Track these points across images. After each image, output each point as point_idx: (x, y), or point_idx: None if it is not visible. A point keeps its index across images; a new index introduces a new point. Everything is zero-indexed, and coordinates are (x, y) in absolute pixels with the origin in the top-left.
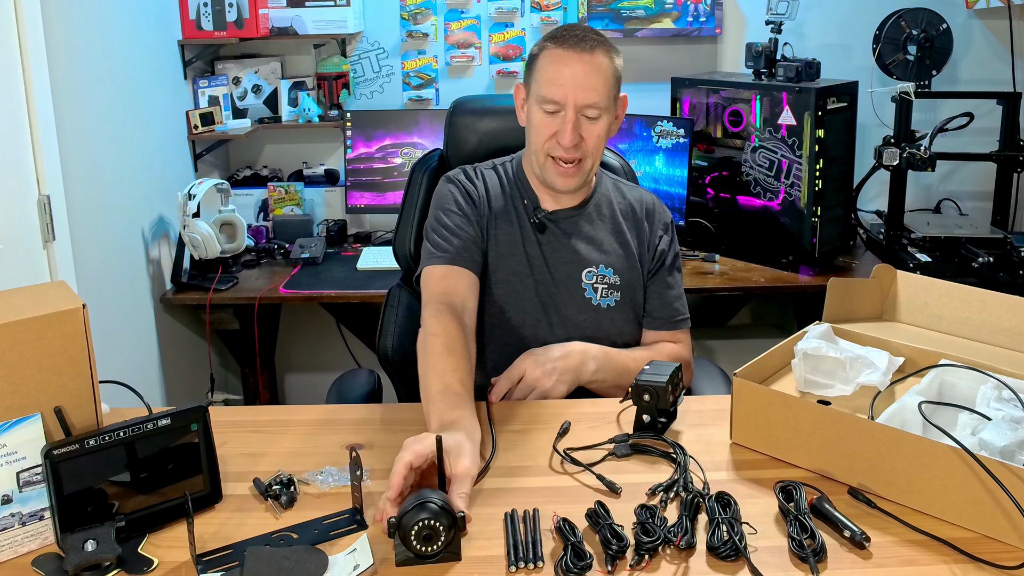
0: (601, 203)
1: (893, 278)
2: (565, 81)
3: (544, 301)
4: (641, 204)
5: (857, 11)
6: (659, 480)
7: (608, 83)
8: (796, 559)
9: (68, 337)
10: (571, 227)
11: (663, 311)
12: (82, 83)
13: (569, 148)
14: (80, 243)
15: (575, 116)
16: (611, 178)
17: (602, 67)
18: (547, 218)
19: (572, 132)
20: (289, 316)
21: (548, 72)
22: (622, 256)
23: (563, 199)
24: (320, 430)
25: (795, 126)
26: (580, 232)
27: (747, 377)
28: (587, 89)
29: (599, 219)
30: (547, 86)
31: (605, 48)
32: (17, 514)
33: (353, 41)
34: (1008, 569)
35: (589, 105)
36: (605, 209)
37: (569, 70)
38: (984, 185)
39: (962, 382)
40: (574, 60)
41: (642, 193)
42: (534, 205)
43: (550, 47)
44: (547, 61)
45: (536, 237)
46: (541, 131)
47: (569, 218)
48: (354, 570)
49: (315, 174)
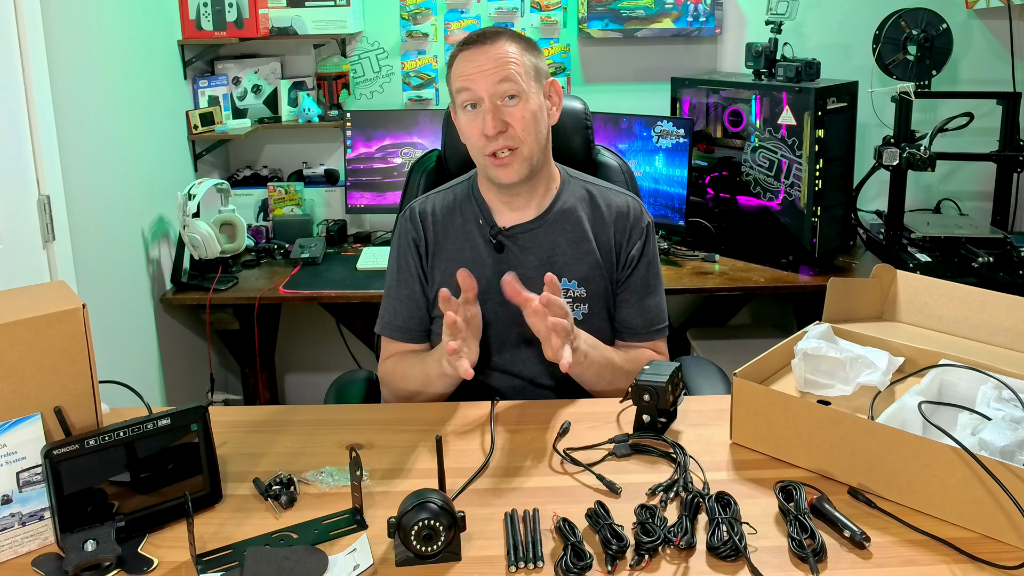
0: (565, 211)
1: (893, 278)
2: (472, 72)
3: (508, 321)
4: (611, 209)
5: (857, 11)
6: (659, 480)
7: (519, 65)
8: (796, 559)
9: (68, 337)
10: (530, 241)
11: (637, 319)
12: (82, 83)
13: (495, 136)
14: (80, 243)
15: (492, 104)
16: (583, 181)
17: (506, 52)
18: (504, 235)
19: (492, 118)
20: (289, 316)
21: (458, 71)
22: (588, 265)
23: (520, 211)
24: (320, 430)
25: (795, 126)
26: (540, 246)
27: (747, 377)
28: (494, 75)
29: (561, 229)
30: (458, 81)
31: (508, 36)
32: (17, 514)
33: (353, 41)
34: (1008, 569)
35: (501, 83)
36: (569, 218)
37: (475, 63)
38: (984, 185)
39: (962, 382)
40: (477, 53)
41: (615, 196)
42: (490, 224)
43: (457, 51)
44: (456, 64)
45: (495, 258)
46: (471, 132)
47: (527, 232)
48: (354, 570)
49: (315, 174)
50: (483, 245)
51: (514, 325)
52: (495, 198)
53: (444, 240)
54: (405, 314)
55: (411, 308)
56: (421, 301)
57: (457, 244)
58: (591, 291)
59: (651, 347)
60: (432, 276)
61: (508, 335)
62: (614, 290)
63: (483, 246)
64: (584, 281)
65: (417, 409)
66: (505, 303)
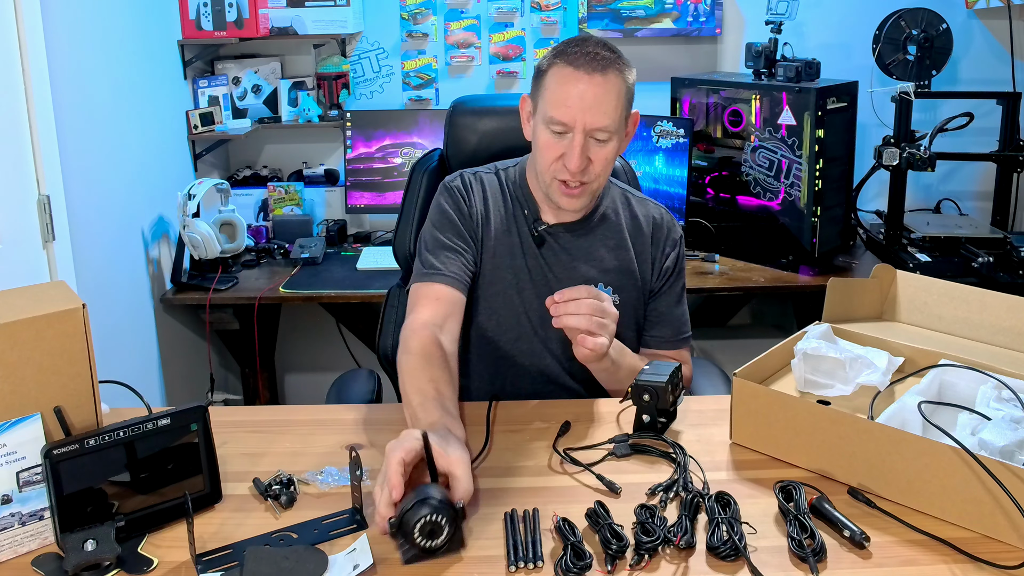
0: (606, 217)
1: (893, 278)
2: (573, 103)
3: (538, 316)
4: (649, 220)
5: (857, 11)
6: (659, 480)
7: (619, 105)
8: (796, 559)
9: (68, 337)
10: (570, 243)
11: (665, 329)
12: (82, 83)
13: (576, 172)
14: (80, 243)
15: (583, 139)
16: (620, 189)
17: (614, 88)
18: (547, 232)
19: (580, 156)
20: (289, 316)
21: (556, 92)
22: (623, 274)
23: (565, 213)
24: (320, 430)
25: (795, 126)
26: (580, 248)
27: (747, 377)
28: (597, 112)
29: (601, 235)
30: (554, 107)
31: (618, 67)
32: (17, 514)
33: (353, 41)
34: (1008, 569)
35: (598, 128)
36: (610, 225)
37: (578, 91)
38: (984, 185)
39: (962, 382)
40: (584, 81)
41: (651, 207)
42: (534, 217)
43: (559, 64)
44: (555, 80)
45: (535, 250)
46: (547, 153)
47: (569, 233)
48: (354, 570)
49: (315, 174)
50: (527, 235)
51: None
52: (542, 199)
53: (492, 214)
54: (453, 260)
55: (457, 260)
56: (468, 255)
57: (504, 225)
58: (623, 299)
59: (676, 355)
60: (479, 242)
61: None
62: (645, 300)
63: (526, 236)
64: (619, 289)
65: None
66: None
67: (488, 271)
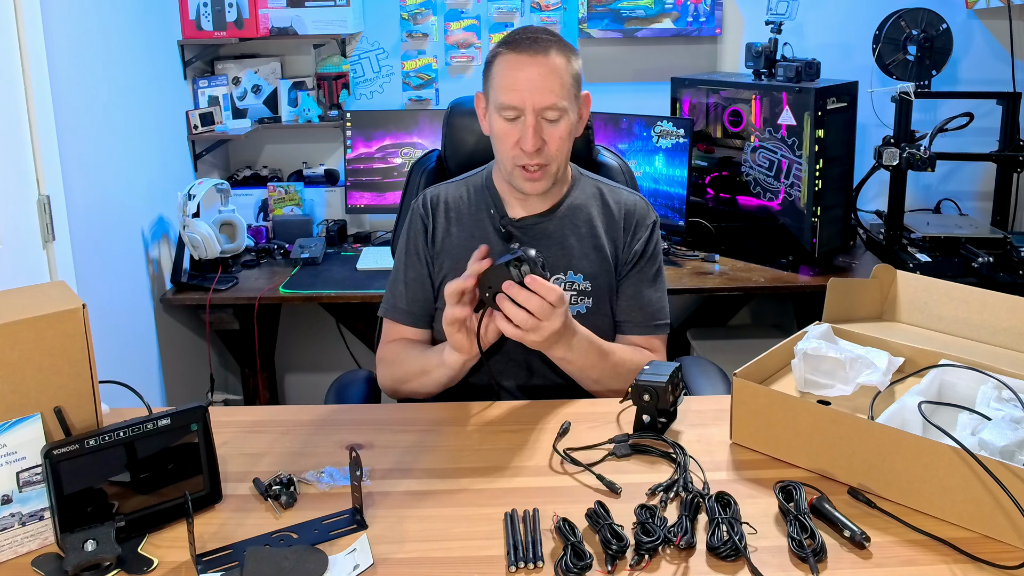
0: (575, 207)
1: (893, 278)
2: (521, 86)
3: None
4: (621, 206)
5: (857, 11)
6: (659, 480)
7: (566, 83)
8: (796, 559)
9: (68, 337)
10: (540, 233)
11: (635, 313)
12: (82, 83)
13: (532, 153)
14: (80, 243)
15: (535, 120)
16: (593, 180)
17: (558, 68)
18: (514, 226)
19: (534, 137)
20: (289, 316)
21: (504, 79)
22: (595, 261)
23: (532, 204)
24: (320, 430)
25: (795, 126)
26: (549, 238)
27: (747, 377)
28: (544, 92)
29: (571, 223)
30: (504, 93)
31: (560, 48)
32: (17, 514)
33: (353, 41)
34: (1008, 569)
35: (548, 107)
36: (579, 213)
37: (525, 75)
38: (984, 185)
39: (962, 382)
40: (528, 63)
41: (625, 195)
42: (501, 214)
43: (503, 53)
44: (502, 68)
45: (502, 246)
46: (504, 140)
47: (537, 224)
48: (354, 570)
49: (315, 174)
50: (493, 234)
51: None
52: (508, 192)
53: (454, 227)
54: (410, 297)
55: (416, 291)
56: (427, 284)
57: (467, 232)
58: (596, 286)
59: (647, 343)
60: (439, 261)
61: None
62: (617, 283)
63: (493, 235)
64: (590, 276)
65: (417, 409)
66: None
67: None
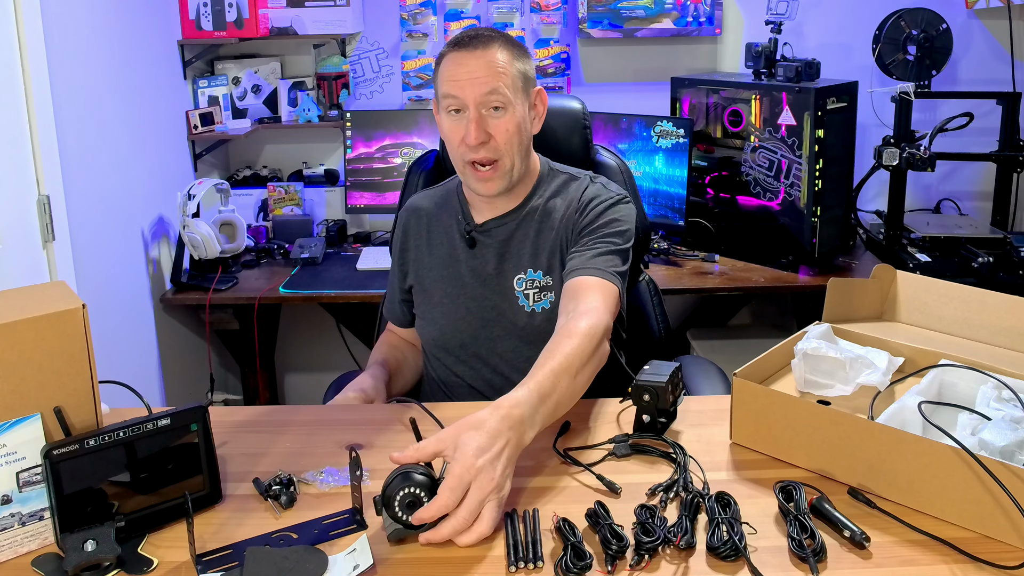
0: (537, 204)
1: (893, 278)
2: (462, 77)
3: (482, 317)
4: (581, 196)
5: (857, 11)
6: (659, 480)
7: (508, 74)
8: (796, 559)
9: (68, 337)
10: (503, 234)
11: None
12: (82, 83)
13: (477, 147)
14: (80, 243)
15: (477, 112)
16: (566, 175)
17: (498, 60)
18: (477, 231)
19: (476, 128)
20: (289, 316)
21: (447, 74)
22: (554, 254)
23: (497, 206)
24: (320, 430)
25: (795, 126)
26: (511, 239)
27: (747, 377)
28: (484, 82)
29: (536, 221)
30: (447, 86)
31: (504, 43)
32: (17, 514)
33: (353, 41)
34: (1008, 569)
35: (488, 94)
36: (542, 209)
37: (466, 68)
38: (984, 185)
39: (962, 382)
40: (468, 57)
41: (588, 185)
42: (466, 220)
43: (447, 51)
44: (446, 65)
45: (467, 253)
46: (452, 137)
47: (500, 226)
48: (354, 570)
49: (315, 174)
50: (459, 240)
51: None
52: (473, 196)
53: (429, 235)
54: (391, 297)
55: (393, 294)
56: (404, 289)
57: (439, 239)
58: (556, 279)
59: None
60: (412, 269)
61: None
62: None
63: (459, 241)
64: (548, 270)
65: (417, 409)
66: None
67: (431, 283)
